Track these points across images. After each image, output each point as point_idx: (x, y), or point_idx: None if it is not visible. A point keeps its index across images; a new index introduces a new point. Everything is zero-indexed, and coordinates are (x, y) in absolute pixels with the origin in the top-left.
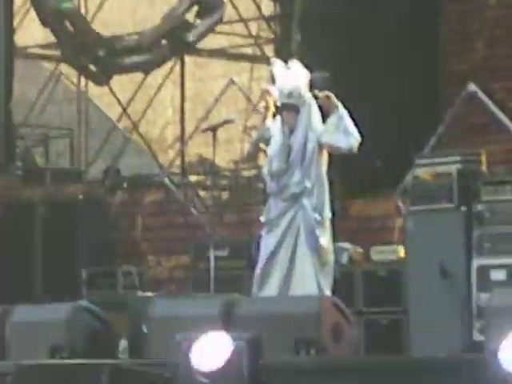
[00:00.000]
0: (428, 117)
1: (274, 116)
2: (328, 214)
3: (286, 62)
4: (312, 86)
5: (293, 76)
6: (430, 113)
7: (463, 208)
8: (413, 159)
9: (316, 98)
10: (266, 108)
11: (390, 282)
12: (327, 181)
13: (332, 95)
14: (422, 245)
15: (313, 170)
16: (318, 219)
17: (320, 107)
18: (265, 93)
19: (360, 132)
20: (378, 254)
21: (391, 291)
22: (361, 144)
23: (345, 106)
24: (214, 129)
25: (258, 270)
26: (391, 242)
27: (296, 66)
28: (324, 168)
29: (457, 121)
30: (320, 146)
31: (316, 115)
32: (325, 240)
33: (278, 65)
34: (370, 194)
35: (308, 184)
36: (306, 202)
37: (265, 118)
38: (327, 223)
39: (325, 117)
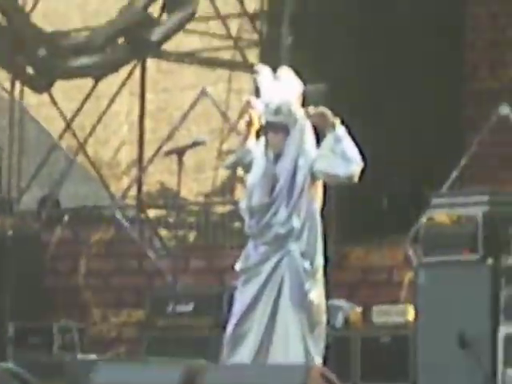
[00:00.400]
0: (448, 145)
1: (258, 136)
2: (320, 262)
3: (273, 70)
4: (305, 102)
5: (282, 88)
6: (452, 141)
7: (490, 261)
8: (428, 198)
9: (309, 115)
10: (249, 124)
11: (395, 350)
12: (321, 221)
13: (328, 111)
14: (436, 305)
15: (303, 206)
16: (308, 268)
17: (314, 127)
18: (247, 105)
19: (363, 158)
20: (381, 315)
21: (396, 363)
22: (363, 176)
23: (344, 126)
24: (180, 152)
25: (229, 330)
26: (398, 301)
27: (286, 75)
28: (317, 204)
29: (484, 151)
30: (312, 176)
31: (309, 138)
32: (315, 295)
33: (263, 73)
34: (374, 240)
35: (296, 223)
36: (293, 246)
37: (246, 137)
38: (319, 274)
39: (319, 139)
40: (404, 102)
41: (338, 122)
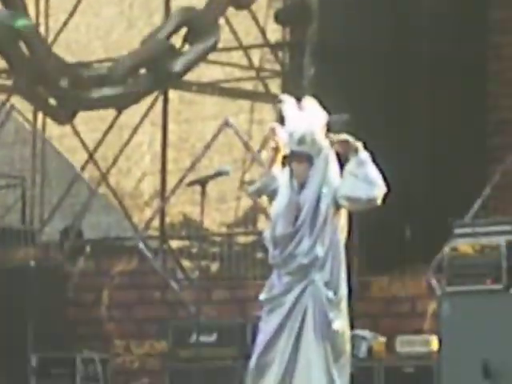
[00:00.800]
0: (473, 175)
1: (283, 165)
2: (344, 292)
3: (296, 100)
4: (329, 131)
5: (306, 118)
6: (476, 171)
7: None
8: (451, 228)
9: (332, 142)
10: (275, 150)
11: (418, 381)
12: (344, 251)
13: (350, 138)
14: (460, 335)
15: (326, 235)
16: (332, 298)
17: (337, 155)
18: (272, 132)
19: (386, 185)
20: (405, 345)
21: None
22: (386, 205)
23: (368, 152)
24: (202, 183)
25: (253, 360)
26: (421, 331)
27: (310, 105)
28: (341, 235)
29: (508, 181)
30: (336, 204)
31: (333, 167)
32: (340, 324)
33: (288, 102)
34: (397, 270)
35: (320, 252)
36: (316, 275)
37: (272, 163)
38: (343, 304)
39: (343, 166)
40: (428, 131)
41: (360, 146)
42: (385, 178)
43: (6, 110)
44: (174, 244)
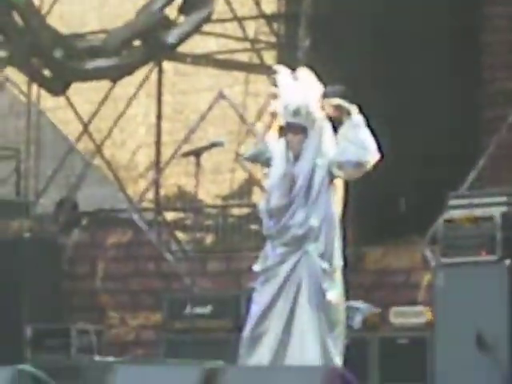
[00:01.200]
0: (467, 147)
1: (279, 135)
2: (339, 262)
3: (291, 71)
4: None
5: (301, 89)
6: (470, 142)
7: (508, 261)
8: (446, 199)
9: (325, 107)
10: (273, 115)
11: (413, 352)
12: (340, 223)
13: (343, 102)
14: (454, 306)
15: (321, 206)
16: (326, 268)
17: (332, 121)
18: (271, 96)
19: (380, 155)
20: (399, 316)
21: (414, 364)
22: (381, 178)
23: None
24: (197, 154)
25: (247, 331)
26: (416, 302)
27: (305, 76)
28: (336, 207)
29: (502, 151)
30: (331, 177)
31: (328, 139)
32: (334, 294)
33: (283, 73)
34: (391, 242)
35: (314, 223)
36: (311, 246)
37: (267, 130)
38: (337, 274)
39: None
40: (421, 102)
41: (354, 109)
42: (380, 148)
43: (0, 81)
44: (169, 216)
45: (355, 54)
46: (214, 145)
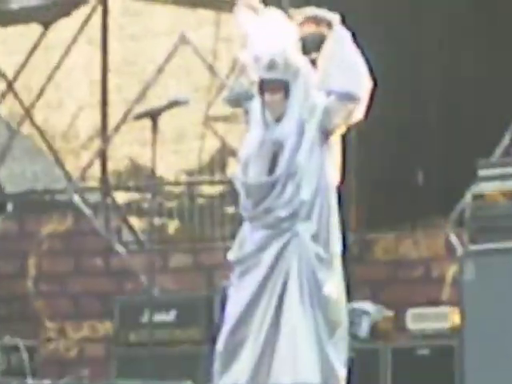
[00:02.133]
0: (499, 106)
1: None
2: (337, 248)
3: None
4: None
5: (274, 33)
6: (503, 100)
7: None
8: (475, 170)
9: (298, 23)
10: (242, 71)
11: (435, 365)
12: (338, 199)
13: (321, 12)
14: (487, 306)
15: (313, 174)
16: (321, 255)
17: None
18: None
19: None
20: (418, 320)
21: (438, 380)
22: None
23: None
24: (154, 116)
25: (221, 341)
26: (438, 302)
27: (276, 17)
28: (332, 177)
29: None
30: (323, 132)
31: (315, 90)
32: (333, 288)
33: (246, 15)
34: (407, 225)
35: (305, 196)
36: (301, 226)
37: (243, 70)
38: (336, 263)
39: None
40: (442, 54)
41: (335, 19)
42: (372, 72)
43: None
44: (120, 197)
45: None
46: (175, 103)
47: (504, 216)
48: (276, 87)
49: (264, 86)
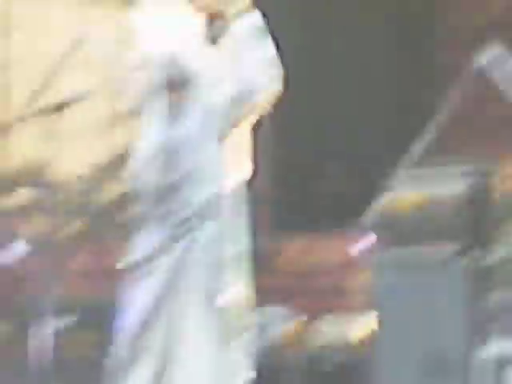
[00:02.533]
0: (414, 100)
1: None
2: (245, 247)
3: None
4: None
5: (167, 24)
6: (417, 94)
7: (471, 256)
8: (387, 173)
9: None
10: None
11: (343, 379)
12: (249, 198)
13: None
14: (399, 316)
15: (219, 167)
16: (226, 257)
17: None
18: None
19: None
20: (327, 330)
21: None
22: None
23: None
24: (54, 110)
25: (115, 352)
26: (348, 311)
27: (176, 5)
28: (241, 173)
29: (459, 111)
30: (229, 126)
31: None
32: (239, 289)
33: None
34: (318, 230)
35: (211, 190)
36: (206, 224)
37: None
38: (244, 263)
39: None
40: (362, 47)
41: (235, 8)
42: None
43: None
44: (15, 198)
45: None
46: (77, 99)
47: (418, 223)
48: (175, 86)
49: (163, 84)
